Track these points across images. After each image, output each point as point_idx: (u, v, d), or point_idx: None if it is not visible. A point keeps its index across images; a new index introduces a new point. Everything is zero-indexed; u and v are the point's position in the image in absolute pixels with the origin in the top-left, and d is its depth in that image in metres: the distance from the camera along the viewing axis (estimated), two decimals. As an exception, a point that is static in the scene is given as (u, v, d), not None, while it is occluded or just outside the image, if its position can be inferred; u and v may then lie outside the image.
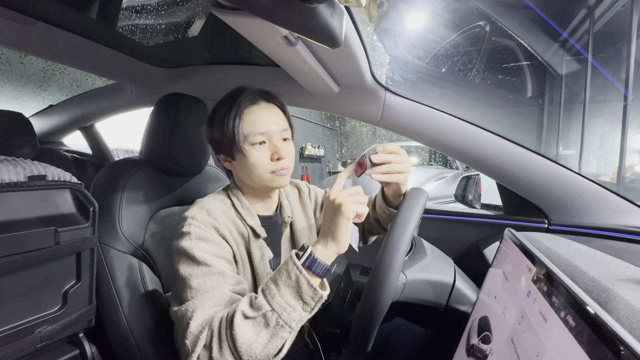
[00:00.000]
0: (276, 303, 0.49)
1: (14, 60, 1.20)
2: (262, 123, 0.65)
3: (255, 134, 0.64)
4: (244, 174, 0.68)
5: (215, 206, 0.67)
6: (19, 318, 0.56)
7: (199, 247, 0.59)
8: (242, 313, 0.49)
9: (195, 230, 0.60)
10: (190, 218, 0.63)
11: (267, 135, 0.65)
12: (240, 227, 0.68)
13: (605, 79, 2.55)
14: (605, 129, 2.71)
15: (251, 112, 0.65)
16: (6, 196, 0.53)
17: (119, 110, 1.51)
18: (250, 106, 0.66)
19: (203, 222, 0.62)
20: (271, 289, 0.50)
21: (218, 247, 0.61)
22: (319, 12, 0.43)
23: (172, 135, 0.82)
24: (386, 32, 2.52)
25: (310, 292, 0.50)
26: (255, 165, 0.65)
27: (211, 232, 0.62)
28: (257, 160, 0.65)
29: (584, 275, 0.39)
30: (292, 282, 0.50)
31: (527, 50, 2.83)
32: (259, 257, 0.68)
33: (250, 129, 0.64)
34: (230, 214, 0.68)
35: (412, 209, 0.57)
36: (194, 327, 0.52)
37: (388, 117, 0.98)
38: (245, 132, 0.64)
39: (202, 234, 0.60)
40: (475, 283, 0.74)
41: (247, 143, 0.64)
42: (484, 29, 2.90)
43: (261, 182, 0.67)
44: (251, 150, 0.64)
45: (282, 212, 0.78)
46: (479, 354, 0.47)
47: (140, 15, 0.82)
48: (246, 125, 0.64)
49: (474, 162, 0.96)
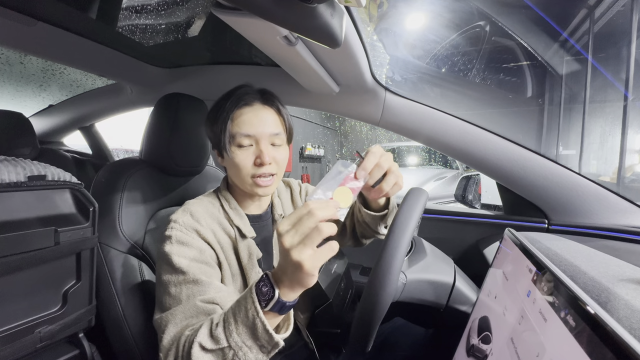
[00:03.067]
0: (233, 340, 0.45)
1: (14, 60, 1.20)
2: (251, 125, 0.64)
3: (241, 136, 0.64)
4: (231, 173, 0.69)
5: (201, 208, 0.67)
6: (19, 318, 0.56)
7: (177, 252, 0.59)
8: (200, 345, 0.46)
9: (176, 234, 0.60)
10: (173, 221, 0.63)
11: (254, 138, 0.65)
12: (227, 228, 0.68)
13: (605, 79, 2.55)
14: (605, 129, 2.71)
15: (242, 113, 0.65)
16: (6, 196, 0.53)
17: (119, 110, 1.51)
18: (243, 107, 0.66)
19: (184, 226, 0.62)
20: (230, 324, 0.46)
21: (197, 252, 0.61)
22: (319, 12, 0.43)
23: (172, 135, 0.82)
24: (386, 32, 2.52)
25: (266, 337, 0.44)
26: (239, 168, 0.65)
27: (192, 236, 0.61)
28: (240, 162, 0.64)
29: (584, 275, 0.39)
30: (249, 322, 0.44)
31: (527, 50, 2.83)
32: (247, 257, 0.67)
33: (237, 130, 0.64)
34: (217, 214, 0.68)
35: (412, 209, 0.57)
36: (166, 341, 0.52)
37: (388, 117, 0.98)
38: (232, 133, 0.64)
39: (183, 237, 0.60)
40: (475, 283, 0.74)
41: (233, 144, 0.64)
42: (484, 29, 2.90)
43: (242, 185, 0.68)
44: (235, 152, 0.64)
45: (274, 211, 0.78)
46: (479, 354, 0.47)
47: (140, 15, 0.82)
48: (234, 126, 0.64)
49: (474, 162, 0.96)
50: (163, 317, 0.55)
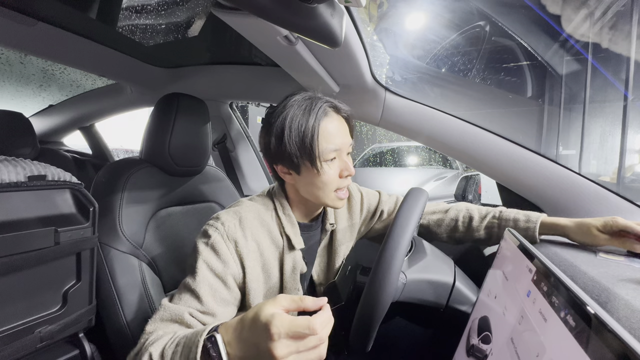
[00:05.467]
0: None
1: (14, 60, 1.20)
2: (336, 137, 0.61)
3: (329, 151, 0.60)
4: (308, 189, 0.63)
5: (251, 214, 0.63)
6: (19, 318, 0.56)
7: (204, 257, 0.57)
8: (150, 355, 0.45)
9: (215, 237, 0.58)
10: (220, 222, 0.60)
11: (338, 151, 0.62)
12: (276, 237, 0.65)
13: (605, 79, 2.55)
14: (605, 129, 2.71)
15: (327, 125, 0.61)
16: (6, 196, 0.53)
17: (119, 110, 1.51)
18: (324, 118, 0.61)
19: (227, 232, 0.59)
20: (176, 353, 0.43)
21: (222, 265, 0.58)
22: (319, 12, 0.43)
23: (172, 135, 0.82)
24: (386, 32, 2.52)
25: None
26: (326, 183, 0.61)
27: (228, 247, 0.59)
28: (328, 178, 0.61)
29: (584, 275, 0.39)
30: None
31: (527, 50, 2.83)
32: (290, 270, 0.65)
33: (326, 145, 0.60)
34: (268, 221, 0.65)
35: (412, 209, 0.57)
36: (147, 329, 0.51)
37: (388, 117, 0.98)
38: (321, 149, 0.59)
39: (218, 245, 0.58)
40: (475, 283, 0.74)
41: (320, 159, 0.60)
42: (484, 29, 2.90)
43: (322, 200, 0.64)
44: (324, 167, 0.60)
45: (325, 219, 0.74)
46: (479, 354, 0.47)
47: (140, 15, 0.82)
48: (322, 141, 0.60)
49: (474, 162, 0.96)
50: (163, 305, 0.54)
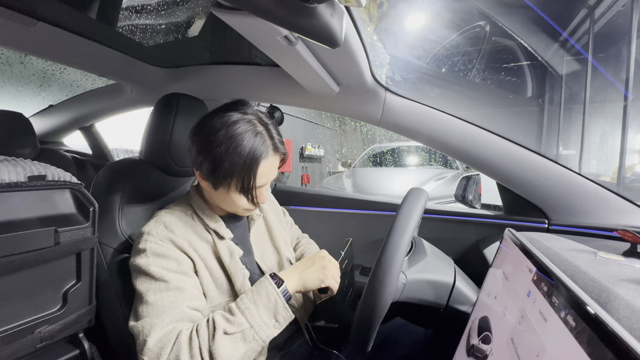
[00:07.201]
0: (254, 321, 0.56)
1: (14, 60, 1.20)
2: (267, 176, 0.65)
3: (258, 185, 0.64)
4: (219, 201, 0.68)
5: (173, 217, 0.66)
6: (19, 318, 0.56)
7: (155, 264, 0.58)
8: (224, 330, 0.54)
9: (151, 246, 0.60)
10: (146, 234, 0.62)
11: (264, 186, 0.67)
12: (203, 234, 0.68)
13: (605, 79, 2.55)
14: (605, 129, 2.72)
15: (266, 164, 0.64)
16: (6, 196, 0.53)
17: (119, 110, 1.51)
18: (267, 158, 0.63)
19: (159, 237, 0.61)
20: (249, 309, 0.57)
21: (175, 263, 0.60)
22: (319, 12, 0.43)
23: (172, 135, 0.82)
24: (386, 32, 2.52)
25: (286, 315, 0.58)
26: (236, 203, 0.66)
27: (168, 247, 0.61)
28: (241, 202, 0.65)
29: (584, 275, 0.39)
30: (271, 305, 0.58)
31: (527, 50, 2.83)
32: (229, 257, 0.67)
33: (258, 180, 0.63)
34: (191, 222, 0.68)
35: (412, 209, 0.57)
36: (152, 343, 0.52)
37: (388, 117, 0.98)
38: (252, 185, 0.63)
39: (159, 249, 0.60)
40: (475, 283, 0.74)
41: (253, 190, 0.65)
42: (484, 29, 2.90)
43: (231, 211, 0.70)
44: (240, 196, 0.64)
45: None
46: (479, 354, 0.47)
47: (140, 15, 0.82)
48: (257, 179, 0.63)
49: (474, 162, 0.96)
50: (145, 322, 0.55)
